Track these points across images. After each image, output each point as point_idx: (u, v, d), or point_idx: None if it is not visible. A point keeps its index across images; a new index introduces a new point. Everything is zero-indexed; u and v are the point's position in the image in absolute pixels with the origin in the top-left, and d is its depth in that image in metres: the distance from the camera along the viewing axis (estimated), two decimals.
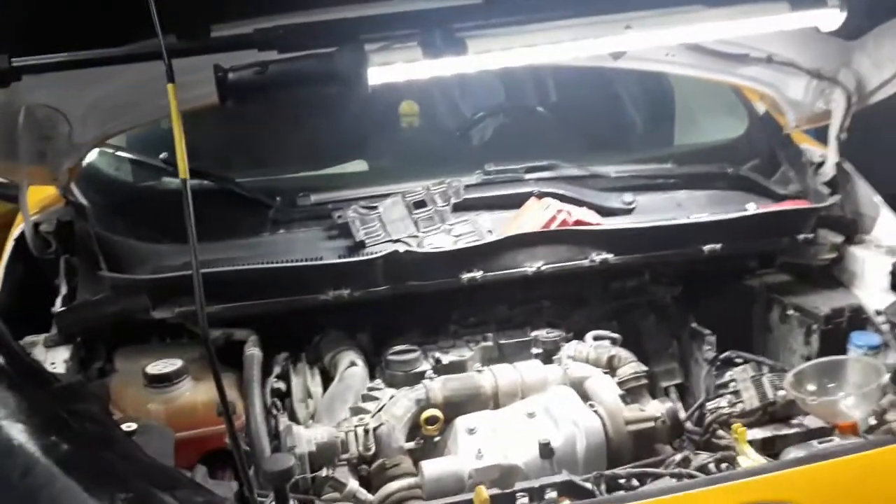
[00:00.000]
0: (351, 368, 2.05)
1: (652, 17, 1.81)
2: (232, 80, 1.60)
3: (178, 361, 1.93)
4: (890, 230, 2.30)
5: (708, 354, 2.23)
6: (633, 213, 2.38)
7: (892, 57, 2.15)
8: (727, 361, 2.14)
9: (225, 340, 2.03)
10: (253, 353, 1.98)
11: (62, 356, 1.94)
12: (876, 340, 2.09)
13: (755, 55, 2.26)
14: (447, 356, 2.07)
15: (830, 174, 2.40)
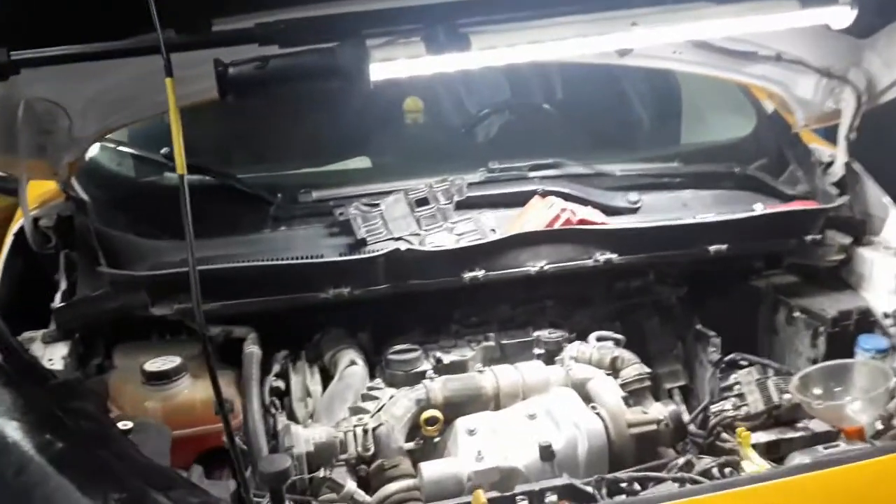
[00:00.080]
0: (351, 367, 2.04)
1: (659, 13, 1.79)
2: (232, 74, 1.58)
3: (176, 359, 1.92)
4: None
5: (713, 356, 2.22)
6: (638, 212, 2.36)
7: None
8: (732, 364, 2.12)
9: (224, 338, 2.02)
10: (252, 350, 1.97)
11: (61, 352, 1.93)
12: (884, 344, 2.07)
13: (764, 53, 2.23)
14: (448, 356, 2.05)
15: (839, 174, 2.37)
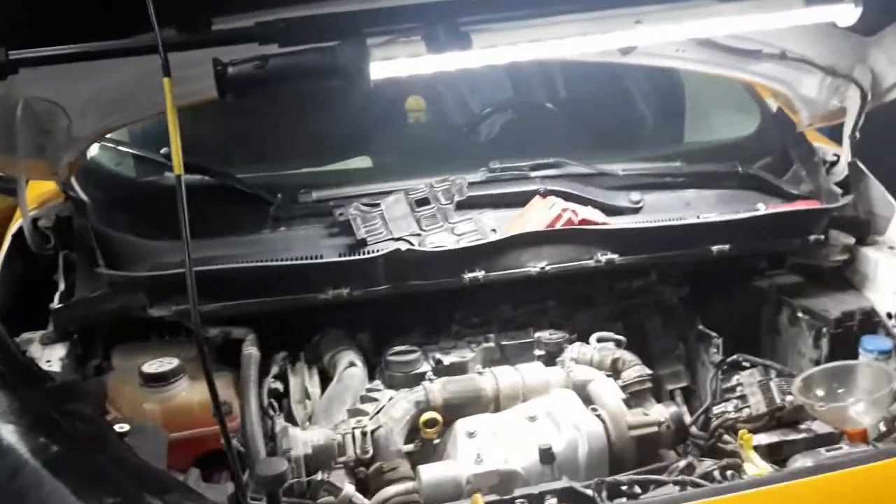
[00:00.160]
0: (350, 369, 2.02)
1: (662, 11, 1.77)
2: (231, 74, 1.56)
3: (174, 360, 1.91)
4: None
5: (714, 357, 2.20)
6: (640, 212, 2.33)
7: None
8: (734, 365, 2.10)
9: (223, 339, 2.01)
10: (250, 352, 1.95)
11: (59, 353, 1.92)
12: (887, 345, 2.05)
13: (768, 51, 2.20)
14: (448, 357, 2.03)
15: (843, 174, 2.36)
